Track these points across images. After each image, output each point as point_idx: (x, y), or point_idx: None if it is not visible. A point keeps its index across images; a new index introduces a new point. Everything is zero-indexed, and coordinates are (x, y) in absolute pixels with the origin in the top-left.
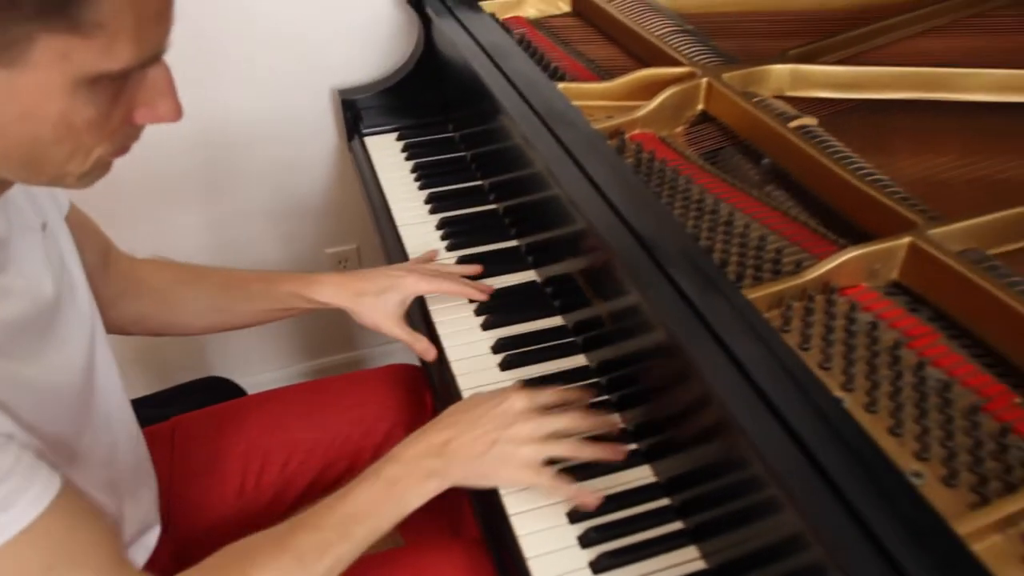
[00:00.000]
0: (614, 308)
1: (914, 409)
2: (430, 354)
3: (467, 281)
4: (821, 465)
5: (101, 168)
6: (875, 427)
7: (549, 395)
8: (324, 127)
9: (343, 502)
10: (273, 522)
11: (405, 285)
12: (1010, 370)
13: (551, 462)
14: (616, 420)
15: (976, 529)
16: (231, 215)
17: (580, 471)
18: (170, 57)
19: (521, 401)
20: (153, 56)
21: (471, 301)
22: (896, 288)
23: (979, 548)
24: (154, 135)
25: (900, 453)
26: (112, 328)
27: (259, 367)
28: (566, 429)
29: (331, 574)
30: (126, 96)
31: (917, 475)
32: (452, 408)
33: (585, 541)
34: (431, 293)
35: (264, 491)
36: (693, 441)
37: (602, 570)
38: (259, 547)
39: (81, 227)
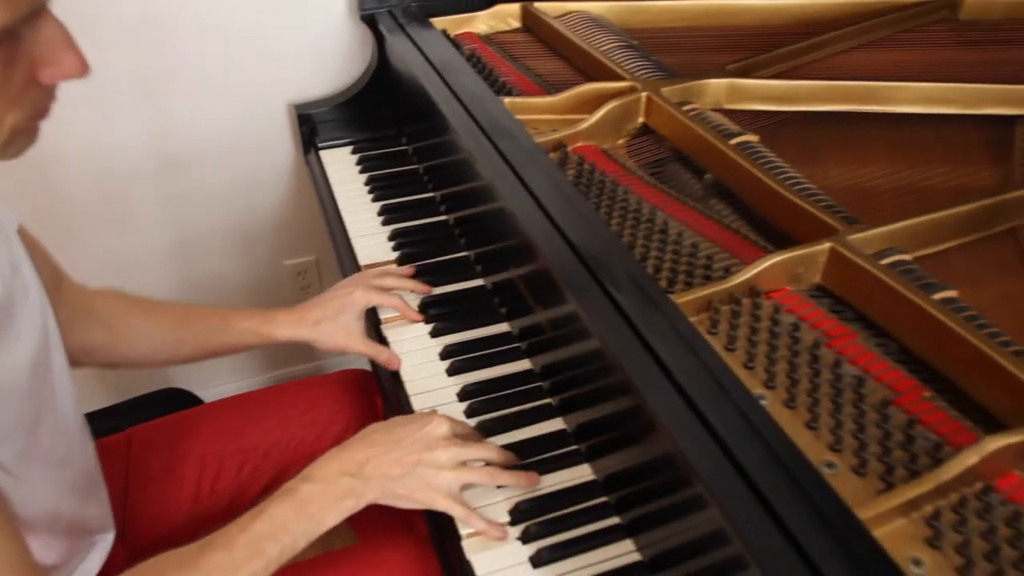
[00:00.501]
0: (553, 315)
1: (830, 404)
2: (394, 364)
3: (407, 305)
4: (738, 461)
5: (25, 136)
6: (793, 421)
7: (464, 427)
8: (281, 141)
9: (256, 520)
10: None
11: (355, 301)
12: (922, 366)
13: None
14: (535, 477)
15: (882, 513)
16: (190, 229)
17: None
18: (126, 75)
19: (443, 427)
20: (31, 11)
21: (421, 309)
22: (819, 291)
23: (885, 531)
24: (113, 152)
25: (816, 445)
26: None
27: (219, 379)
28: (484, 459)
29: None
30: (23, 57)
31: (830, 465)
32: (373, 427)
33: (526, 537)
34: (379, 306)
35: (220, 496)
36: (626, 441)
37: (542, 564)
38: (169, 567)
39: (30, 250)
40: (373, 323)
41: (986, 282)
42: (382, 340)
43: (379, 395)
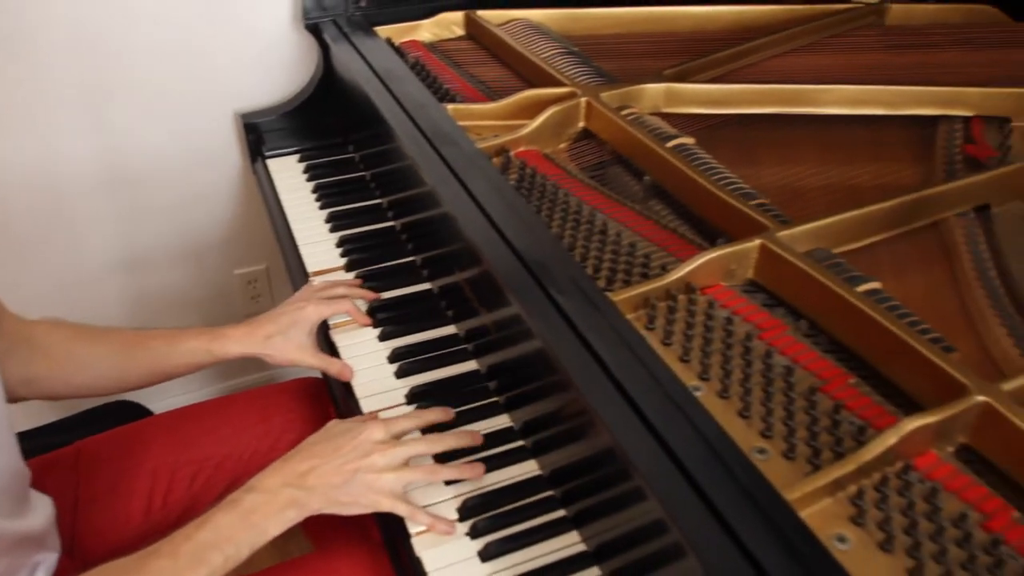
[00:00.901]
0: (497, 316)
1: (761, 393)
2: (346, 375)
3: (358, 306)
4: (672, 450)
5: None
6: (727, 411)
7: (405, 422)
8: (229, 151)
9: (200, 530)
10: None
11: (307, 316)
12: (848, 355)
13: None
14: (477, 435)
15: (809, 493)
16: (138, 244)
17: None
18: (72, 88)
19: (379, 432)
20: None
21: (369, 314)
22: (752, 286)
23: (812, 510)
24: (58, 167)
25: (748, 433)
26: None
27: (169, 391)
28: (423, 453)
29: None
30: None
31: (762, 451)
32: (312, 438)
33: (474, 532)
34: (332, 315)
35: (172, 510)
36: (568, 436)
37: (490, 558)
38: (112, 575)
39: None
40: (322, 328)
41: (910, 274)
42: (331, 344)
43: (331, 402)
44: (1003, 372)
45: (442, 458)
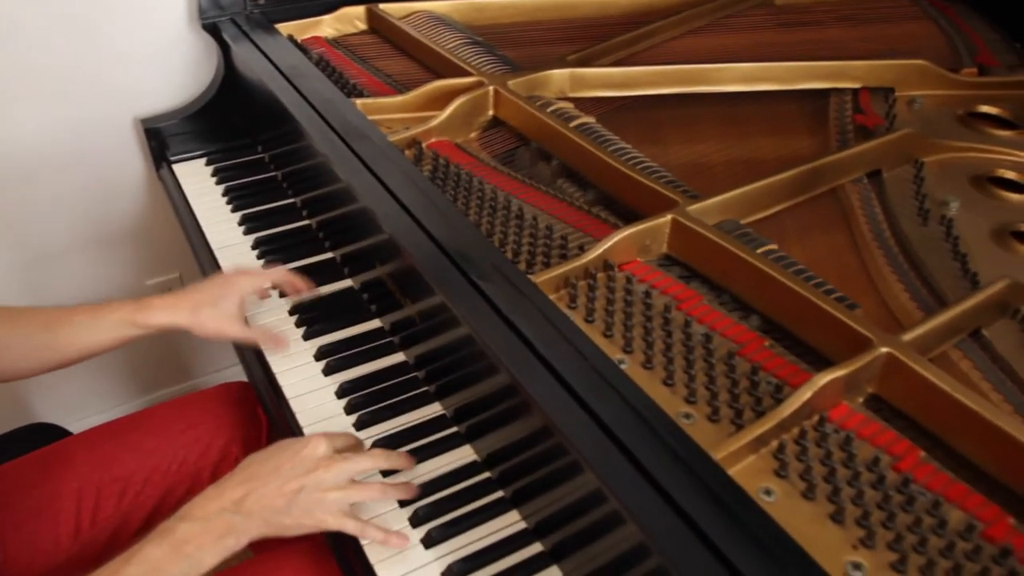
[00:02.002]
0: (421, 307)
1: (683, 361)
2: (280, 344)
3: (292, 273)
4: (602, 421)
5: None
6: (652, 380)
7: (345, 439)
8: (130, 156)
9: (128, 564)
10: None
11: (239, 285)
12: (764, 322)
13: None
14: (411, 459)
15: (734, 452)
16: (41, 254)
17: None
18: None
19: (321, 447)
20: None
21: (291, 313)
22: (667, 260)
23: (739, 468)
24: None
25: (673, 400)
26: None
27: (87, 409)
28: (367, 471)
29: None
30: None
31: (687, 416)
32: (250, 458)
33: (415, 521)
34: (263, 286)
35: (102, 529)
36: (501, 418)
37: (433, 544)
38: None
39: None
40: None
41: (814, 237)
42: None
43: (259, 405)
44: (902, 325)
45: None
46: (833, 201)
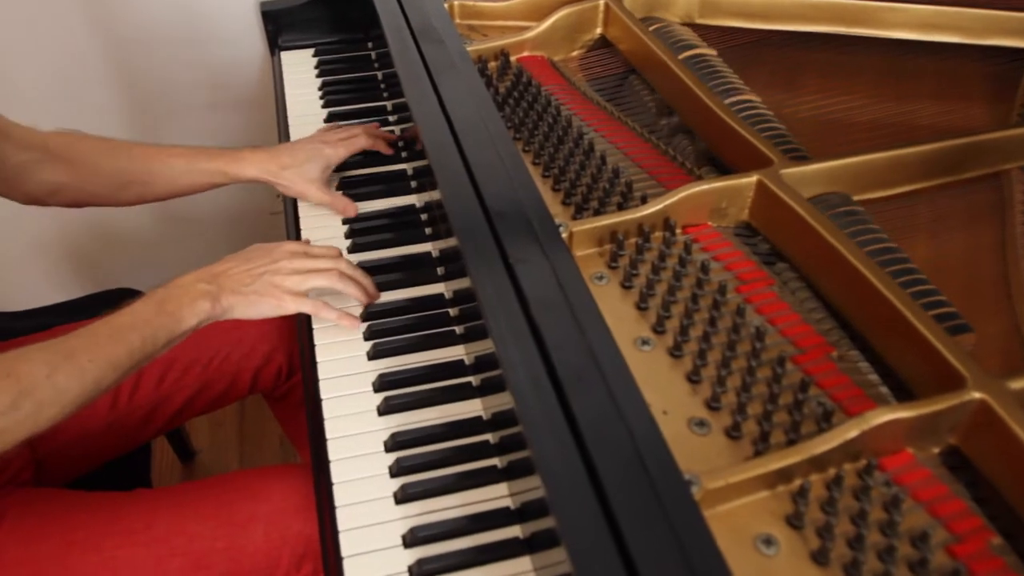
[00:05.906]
0: (442, 244)
1: (720, 355)
2: (350, 211)
3: (378, 135)
4: (571, 414)
5: None
6: (672, 372)
7: (322, 249)
8: (253, 40)
9: (118, 315)
10: (147, 439)
11: (324, 154)
12: (840, 324)
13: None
14: (375, 292)
15: (742, 481)
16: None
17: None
18: None
19: (291, 245)
20: None
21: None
22: (747, 229)
23: (743, 502)
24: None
25: (691, 402)
26: (28, 200)
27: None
28: (329, 268)
29: (104, 377)
30: None
31: (701, 424)
32: (228, 256)
33: (395, 471)
34: (350, 154)
35: (138, 406)
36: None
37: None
38: (32, 349)
39: None
40: None
41: (950, 232)
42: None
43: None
44: None
45: None
46: (990, 190)
